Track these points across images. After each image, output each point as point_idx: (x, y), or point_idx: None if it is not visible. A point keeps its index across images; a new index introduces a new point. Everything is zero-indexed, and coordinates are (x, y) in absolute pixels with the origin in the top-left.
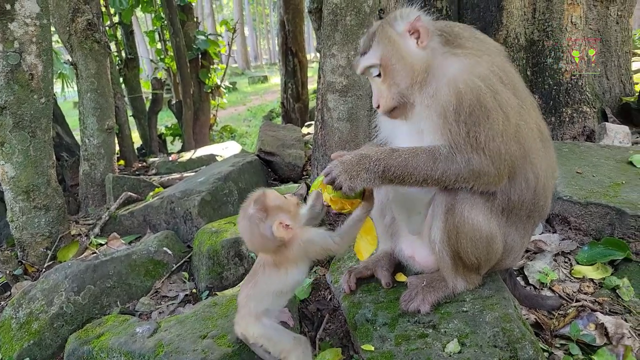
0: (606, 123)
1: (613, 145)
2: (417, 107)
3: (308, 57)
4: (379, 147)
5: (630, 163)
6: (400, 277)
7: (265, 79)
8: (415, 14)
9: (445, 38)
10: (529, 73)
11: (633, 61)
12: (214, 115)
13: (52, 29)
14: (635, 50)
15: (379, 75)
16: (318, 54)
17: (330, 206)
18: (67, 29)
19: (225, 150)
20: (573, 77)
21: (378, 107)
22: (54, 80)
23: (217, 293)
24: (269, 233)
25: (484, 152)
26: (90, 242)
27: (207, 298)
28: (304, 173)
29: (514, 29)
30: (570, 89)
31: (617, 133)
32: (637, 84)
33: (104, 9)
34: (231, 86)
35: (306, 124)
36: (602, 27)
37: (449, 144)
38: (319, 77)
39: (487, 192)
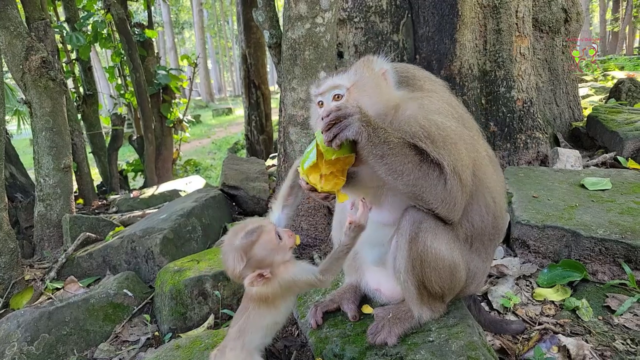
0: (558, 148)
1: (566, 169)
2: None
3: (271, 88)
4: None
5: (582, 186)
6: (367, 309)
7: (229, 111)
8: (386, 65)
9: (406, 82)
10: (483, 102)
11: (580, 87)
12: (177, 149)
13: (5, 67)
14: (583, 77)
15: (338, 98)
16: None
17: (314, 191)
18: (21, 67)
19: (189, 185)
20: (525, 105)
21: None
22: (9, 117)
23: (181, 335)
24: (240, 275)
25: (460, 179)
26: (46, 287)
27: (170, 341)
28: (269, 206)
29: (467, 60)
30: (523, 116)
31: (569, 157)
32: (585, 108)
33: (60, 46)
34: (194, 120)
35: (271, 155)
36: (550, 57)
37: (435, 157)
38: (280, 111)
39: (447, 220)
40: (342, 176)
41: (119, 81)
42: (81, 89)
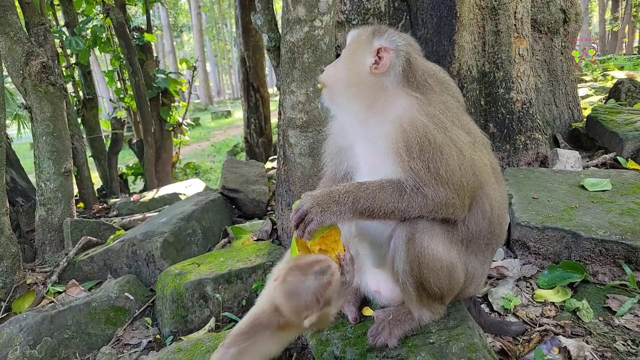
0: (558, 149)
1: (565, 170)
2: (365, 140)
3: (270, 91)
4: (346, 182)
5: (582, 187)
6: (367, 311)
7: (228, 113)
8: (389, 42)
9: (407, 75)
10: (482, 103)
11: (580, 87)
12: (176, 152)
13: (5, 72)
14: (582, 77)
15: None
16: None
17: None
18: (21, 72)
19: (189, 188)
20: (524, 106)
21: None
22: (10, 121)
23: (182, 338)
24: (304, 313)
25: (448, 186)
26: (48, 291)
27: (171, 344)
28: (269, 209)
29: (466, 61)
30: (522, 117)
31: (569, 158)
32: (584, 109)
33: (60, 50)
34: (193, 123)
35: (270, 158)
36: (548, 58)
37: (414, 179)
38: (279, 114)
39: (448, 221)
40: (336, 249)
41: (119, 85)
42: (81, 93)
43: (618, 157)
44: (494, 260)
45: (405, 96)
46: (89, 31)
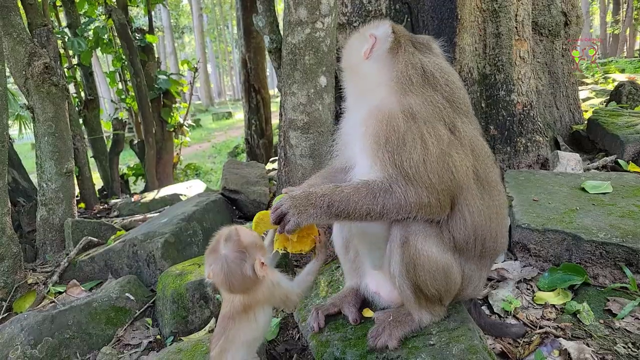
0: (559, 151)
1: (566, 173)
2: (357, 129)
3: (271, 92)
4: (325, 184)
5: (583, 189)
6: (367, 313)
7: (229, 115)
8: (380, 31)
9: (391, 65)
10: (483, 105)
11: (581, 90)
12: (177, 153)
13: (7, 72)
14: (583, 80)
15: None
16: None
17: (286, 251)
18: (23, 72)
19: (189, 189)
20: (525, 108)
21: None
22: (11, 122)
23: (183, 338)
24: (250, 273)
25: (418, 184)
26: (49, 291)
27: (171, 344)
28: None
29: (467, 63)
30: (523, 119)
31: (570, 160)
32: (585, 111)
33: (62, 51)
34: (194, 124)
35: (271, 159)
36: (549, 61)
37: (383, 173)
38: (281, 115)
39: (437, 223)
40: (313, 233)
41: (120, 86)
42: (83, 94)
43: (619, 160)
44: (494, 263)
45: (384, 86)
46: (91, 32)
